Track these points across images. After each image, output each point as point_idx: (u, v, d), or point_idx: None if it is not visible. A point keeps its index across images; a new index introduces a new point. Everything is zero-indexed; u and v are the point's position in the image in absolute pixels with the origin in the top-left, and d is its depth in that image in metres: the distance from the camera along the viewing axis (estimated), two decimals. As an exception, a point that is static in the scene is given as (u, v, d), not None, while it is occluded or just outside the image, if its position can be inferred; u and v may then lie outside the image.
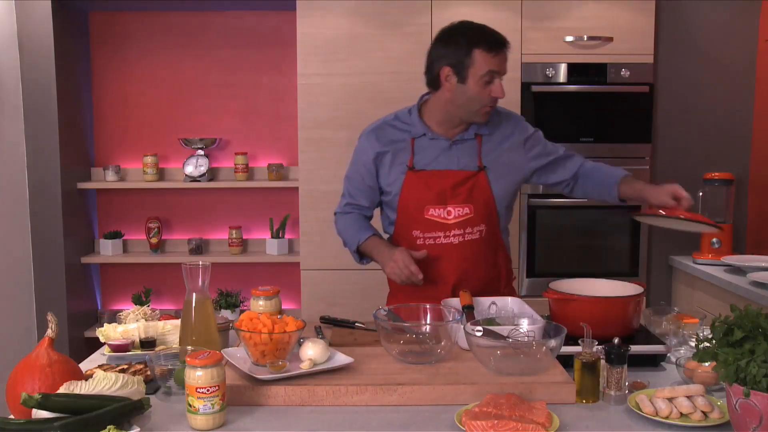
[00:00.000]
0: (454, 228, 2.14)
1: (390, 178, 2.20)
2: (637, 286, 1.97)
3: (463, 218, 2.14)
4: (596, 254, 3.56)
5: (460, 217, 2.14)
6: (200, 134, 3.89)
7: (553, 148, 2.29)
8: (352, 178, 2.30)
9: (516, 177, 2.23)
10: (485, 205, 2.16)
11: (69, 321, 3.59)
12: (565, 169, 2.29)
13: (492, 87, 2.06)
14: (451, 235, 2.14)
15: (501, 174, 2.18)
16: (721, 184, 3.47)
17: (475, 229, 2.16)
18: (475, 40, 2.07)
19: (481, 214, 2.15)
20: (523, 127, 2.26)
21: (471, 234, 2.16)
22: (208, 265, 1.77)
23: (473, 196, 2.14)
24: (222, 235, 3.96)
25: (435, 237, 2.15)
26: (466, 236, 2.15)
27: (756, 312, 1.37)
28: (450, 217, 2.14)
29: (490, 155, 2.18)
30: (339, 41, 3.42)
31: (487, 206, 2.16)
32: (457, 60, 2.09)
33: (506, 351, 1.64)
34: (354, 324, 2.09)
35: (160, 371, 1.65)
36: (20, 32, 3.46)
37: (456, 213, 2.14)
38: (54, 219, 3.55)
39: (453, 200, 2.14)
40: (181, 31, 3.87)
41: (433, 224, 2.14)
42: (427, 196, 2.14)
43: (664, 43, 3.61)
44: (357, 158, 2.28)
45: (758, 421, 1.27)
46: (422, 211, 2.15)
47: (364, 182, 2.25)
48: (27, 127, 3.50)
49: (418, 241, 2.17)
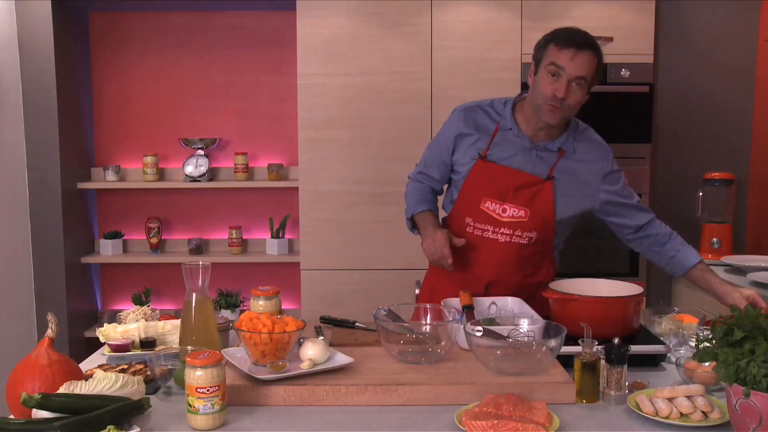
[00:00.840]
0: (504, 226, 2.13)
1: (463, 160, 2.20)
2: (637, 286, 1.97)
3: (516, 220, 2.13)
4: (596, 254, 3.56)
5: (514, 218, 2.13)
6: (200, 134, 3.89)
7: (629, 192, 2.24)
8: (432, 149, 2.31)
9: (583, 202, 2.19)
10: (542, 214, 2.13)
11: (69, 321, 3.59)
12: (632, 218, 2.23)
13: (556, 84, 2.02)
14: (499, 233, 2.14)
15: (569, 192, 2.15)
16: (721, 184, 3.47)
17: (525, 234, 2.14)
18: (553, 36, 2.06)
19: (535, 222, 2.13)
20: (609, 160, 2.21)
21: (520, 238, 2.14)
22: (208, 265, 1.77)
23: (533, 202, 2.12)
24: (222, 235, 3.96)
25: (484, 229, 2.15)
26: (515, 238, 2.14)
27: (756, 312, 1.37)
28: (504, 215, 2.13)
29: (565, 171, 2.15)
30: (339, 41, 3.42)
31: (544, 216, 2.13)
32: (538, 54, 2.10)
33: (506, 351, 1.64)
34: (354, 324, 2.09)
35: (160, 371, 1.65)
36: (20, 32, 3.46)
37: (511, 213, 2.13)
38: (54, 219, 3.55)
39: (513, 200, 2.13)
40: (181, 31, 3.87)
41: (485, 216, 2.14)
42: (489, 188, 2.14)
43: (664, 43, 3.61)
44: (442, 132, 2.28)
45: (758, 421, 1.27)
46: (479, 201, 2.15)
47: (441, 156, 2.26)
48: (27, 127, 3.50)
49: (468, 228, 2.17)
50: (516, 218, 2.12)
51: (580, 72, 2.00)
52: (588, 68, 2.01)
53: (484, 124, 2.20)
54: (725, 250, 3.41)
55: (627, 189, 2.24)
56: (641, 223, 2.23)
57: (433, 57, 3.41)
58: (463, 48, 3.43)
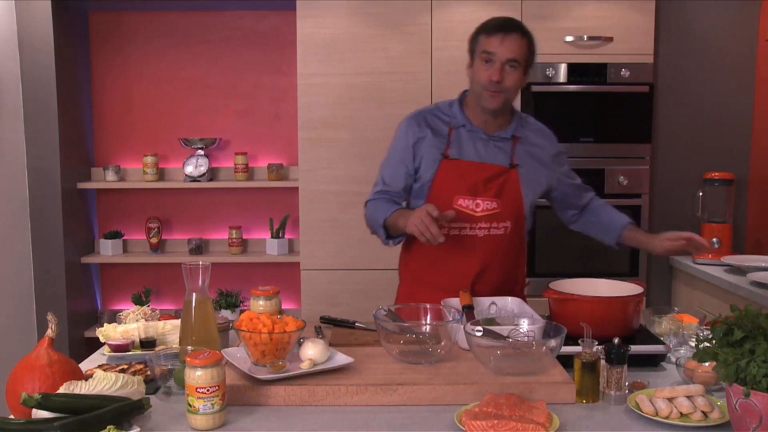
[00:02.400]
0: (481, 221, 2.16)
1: (426, 164, 2.21)
2: (637, 286, 1.97)
3: (490, 212, 2.16)
4: (596, 254, 3.56)
5: (488, 211, 2.16)
6: (200, 134, 3.89)
7: (573, 174, 2.37)
8: (390, 164, 2.28)
9: (542, 184, 2.27)
10: (513, 203, 2.18)
11: (69, 321, 3.59)
12: (579, 198, 2.37)
13: (491, 69, 2.09)
14: (477, 228, 2.16)
15: (532, 177, 2.22)
16: (721, 184, 3.47)
17: (500, 224, 2.18)
18: (482, 26, 2.15)
19: (508, 211, 2.18)
20: (555, 141, 2.32)
21: (496, 229, 2.18)
22: (208, 265, 1.77)
23: (503, 192, 2.17)
24: (222, 235, 3.96)
25: (461, 228, 2.16)
26: (492, 230, 2.17)
27: (756, 312, 1.37)
28: (478, 209, 2.15)
29: (523, 156, 2.21)
30: (339, 41, 3.42)
31: (515, 204, 2.19)
32: (471, 47, 2.18)
33: (506, 351, 1.64)
34: (354, 324, 2.09)
35: (160, 371, 1.65)
36: (20, 32, 3.46)
37: (484, 206, 2.16)
38: (54, 219, 3.55)
39: (484, 193, 2.16)
40: (181, 31, 3.87)
41: (461, 214, 2.15)
42: (460, 186, 2.16)
43: (664, 43, 3.61)
44: (396, 145, 2.27)
45: (758, 421, 1.27)
46: (452, 201, 2.16)
47: (404, 165, 2.24)
48: (27, 127, 3.50)
49: (444, 230, 2.14)
50: (490, 210, 2.16)
51: (510, 54, 2.07)
52: (518, 50, 2.08)
53: (437, 126, 2.22)
54: (725, 250, 3.41)
55: (571, 170, 2.37)
56: (586, 201, 2.37)
57: (433, 57, 3.41)
58: (463, 48, 3.35)
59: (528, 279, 2.39)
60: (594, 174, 3.50)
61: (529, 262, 3.49)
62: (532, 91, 3.43)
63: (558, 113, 3.49)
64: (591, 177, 3.49)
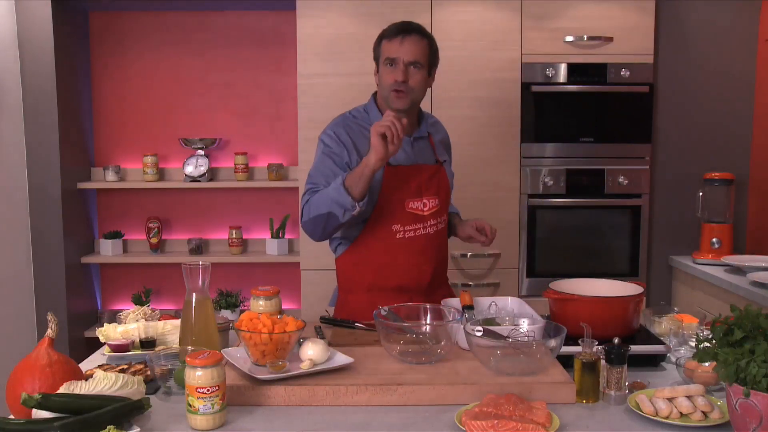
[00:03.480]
0: (429, 219, 2.24)
1: None
2: (637, 286, 1.97)
3: (434, 209, 2.25)
4: (596, 254, 3.56)
5: (433, 209, 2.25)
6: (200, 134, 3.89)
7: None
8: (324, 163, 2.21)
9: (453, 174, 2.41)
10: (446, 197, 2.31)
11: (69, 321, 3.59)
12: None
13: (395, 71, 2.14)
14: (427, 226, 2.24)
15: (449, 170, 2.36)
16: (721, 184, 3.47)
17: (441, 219, 2.29)
18: (383, 32, 2.22)
19: (444, 206, 2.29)
20: (446, 131, 2.45)
21: (440, 224, 2.29)
22: (208, 265, 1.77)
23: (440, 189, 2.27)
24: (222, 235, 3.96)
25: (415, 229, 2.23)
26: (438, 226, 2.27)
27: (756, 312, 1.37)
28: (426, 209, 2.24)
29: (441, 152, 2.36)
30: (339, 41, 3.42)
31: (447, 198, 2.32)
32: (375, 54, 2.25)
33: (506, 351, 1.64)
34: (354, 324, 2.09)
35: (160, 371, 1.65)
36: (20, 32, 3.46)
37: (430, 205, 2.24)
38: (54, 219, 3.55)
39: (426, 193, 2.24)
40: (181, 31, 3.87)
41: (412, 217, 2.21)
42: (407, 189, 2.21)
43: (664, 43, 3.61)
44: (327, 149, 2.22)
45: (758, 421, 1.27)
46: (403, 204, 2.20)
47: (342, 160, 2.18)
48: (27, 127, 3.50)
49: (398, 235, 2.21)
50: (434, 208, 2.25)
51: (410, 56, 2.13)
52: (419, 51, 2.15)
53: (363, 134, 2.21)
54: (725, 250, 3.41)
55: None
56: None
57: (433, 57, 3.41)
58: (463, 48, 3.43)
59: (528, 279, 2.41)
60: (594, 174, 3.51)
61: (529, 262, 3.53)
62: (532, 91, 3.43)
63: (558, 113, 3.49)
64: (591, 177, 3.52)
